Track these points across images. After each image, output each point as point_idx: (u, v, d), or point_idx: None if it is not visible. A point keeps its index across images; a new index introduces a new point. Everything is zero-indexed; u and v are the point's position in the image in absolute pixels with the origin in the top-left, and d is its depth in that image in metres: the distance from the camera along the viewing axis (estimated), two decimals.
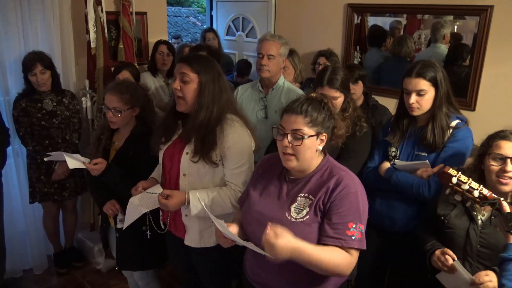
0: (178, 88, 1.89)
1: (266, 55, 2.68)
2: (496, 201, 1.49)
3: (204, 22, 10.16)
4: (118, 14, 3.54)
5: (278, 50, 2.70)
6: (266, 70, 2.69)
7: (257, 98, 2.82)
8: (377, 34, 3.51)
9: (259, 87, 2.83)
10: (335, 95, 2.20)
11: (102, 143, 2.40)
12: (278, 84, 2.79)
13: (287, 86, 2.82)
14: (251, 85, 2.91)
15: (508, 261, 1.37)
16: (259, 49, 2.73)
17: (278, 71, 2.77)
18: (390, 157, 2.20)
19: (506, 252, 1.40)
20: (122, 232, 2.33)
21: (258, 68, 2.73)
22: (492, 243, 1.66)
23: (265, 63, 2.68)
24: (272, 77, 2.75)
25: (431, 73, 2.01)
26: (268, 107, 2.78)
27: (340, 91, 2.22)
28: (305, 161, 1.55)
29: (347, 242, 1.47)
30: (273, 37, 2.77)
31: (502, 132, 1.72)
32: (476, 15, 2.88)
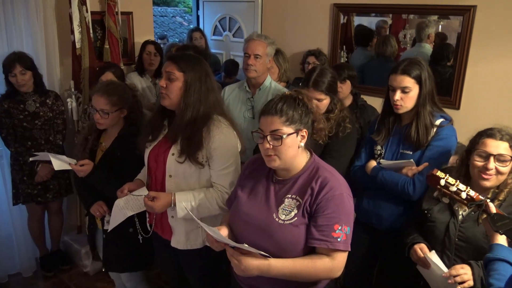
0: (164, 85, 1.89)
1: (253, 55, 2.68)
2: (483, 202, 1.52)
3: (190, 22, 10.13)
4: (103, 14, 3.50)
5: (265, 50, 2.70)
6: (252, 70, 2.69)
7: (244, 98, 2.82)
8: (363, 34, 3.54)
9: (246, 87, 2.83)
10: (320, 97, 2.22)
11: (89, 144, 2.37)
12: (265, 84, 2.79)
13: (274, 86, 2.82)
14: (238, 85, 2.91)
15: (494, 261, 1.39)
16: (246, 49, 2.73)
17: (265, 71, 2.78)
18: (376, 156, 2.22)
19: (491, 253, 1.42)
20: (109, 234, 2.31)
21: (245, 68, 2.73)
22: (470, 237, 1.70)
23: (252, 62, 2.68)
24: (259, 77, 2.75)
25: (416, 71, 2.03)
26: (255, 107, 2.78)
27: (326, 93, 2.23)
28: (288, 160, 1.55)
29: (332, 244, 1.48)
30: (259, 36, 2.77)
31: (490, 130, 1.74)
32: (460, 14, 2.92)
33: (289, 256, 1.51)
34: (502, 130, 1.72)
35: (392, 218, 2.16)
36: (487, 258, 1.43)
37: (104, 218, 2.34)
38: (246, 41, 2.78)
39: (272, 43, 2.79)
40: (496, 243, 1.45)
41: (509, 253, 1.40)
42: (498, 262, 1.38)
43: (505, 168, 1.67)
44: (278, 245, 1.52)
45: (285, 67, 3.40)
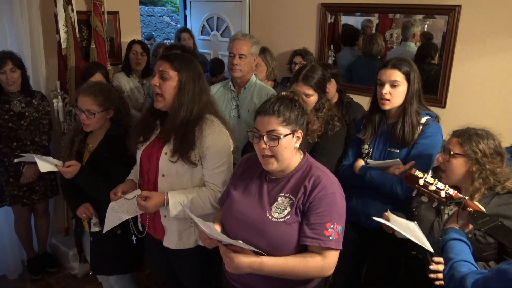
0: (157, 84, 1.88)
1: (238, 55, 2.69)
2: (462, 200, 1.55)
3: (178, 21, 10.09)
4: (89, 13, 3.47)
5: (250, 49, 2.71)
6: (237, 70, 2.70)
7: (229, 98, 2.83)
8: (350, 34, 3.57)
9: (231, 86, 2.83)
10: (308, 92, 2.22)
11: (75, 146, 2.35)
12: (250, 83, 2.80)
13: (259, 85, 2.83)
14: (222, 85, 2.91)
15: (450, 241, 1.47)
16: (230, 48, 2.73)
17: (250, 70, 2.79)
18: (364, 154, 2.24)
19: (448, 235, 1.49)
20: (96, 236, 2.29)
21: (230, 67, 2.74)
22: None
23: (237, 62, 2.69)
24: (244, 77, 2.76)
25: (406, 67, 2.06)
26: (241, 107, 2.79)
27: (314, 89, 2.24)
28: (284, 161, 1.56)
29: (324, 242, 1.49)
30: (244, 36, 2.77)
31: (460, 129, 1.79)
32: (445, 14, 2.96)
33: (282, 254, 1.52)
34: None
35: (380, 215, 2.18)
36: (443, 241, 1.50)
37: (90, 220, 2.31)
38: (231, 40, 2.79)
39: (257, 42, 2.80)
40: (449, 227, 1.53)
41: (461, 234, 1.49)
42: (455, 241, 1.45)
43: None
44: (270, 243, 1.53)
45: (273, 65, 3.41)
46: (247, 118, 2.75)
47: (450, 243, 1.45)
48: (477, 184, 1.70)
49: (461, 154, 1.70)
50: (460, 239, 1.46)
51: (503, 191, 1.69)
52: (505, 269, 1.09)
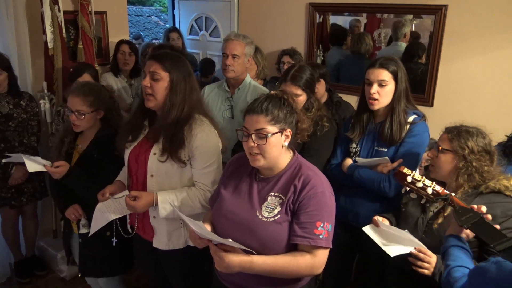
0: (148, 85, 1.87)
1: (231, 55, 2.68)
2: (448, 196, 1.57)
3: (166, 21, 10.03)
4: (76, 13, 3.45)
5: (243, 50, 2.71)
6: (231, 70, 2.69)
7: (223, 98, 2.82)
8: (338, 33, 3.59)
9: (225, 86, 2.82)
10: (297, 92, 2.23)
11: (64, 146, 2.33)
12: (244, 84, 2.79)
13: (253, 85, 2.82)
14: (217, 85, 2.90)
15: (448, 248, 1.48)
16: (224, 49, 2.72)
17: (244, 71, 2.77)
18: (352, 153, 2.26)
19: (447, 243, 1.51)
20: (85, 238, 2.27)
21: (223, 68, 2.72)
22: (435, 234, 1.74)
23: (230, 63, 2.68)
24: (238, 77, 2.75)
25: (394, 66, 2.08)
26: (234, 107, 2.78)
27: (303, 89, 2.25)
28: (272, 159, 1.57)
29: (315, 240, 1.50)
30: (237, 36, 2.76)
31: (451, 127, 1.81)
32: (432, 14, 2.99)
33: (272, 253, 1.52)
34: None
35: (369, 214, 2.18)
36: (443, 248, 1.52)
37: (79, 221, 2.30)
38: (224, 41, 2.78)
39: (251, 42, 2.79)
40: (448, 234, 1.54)
41: (460, 240, 1.50)
42: (454, 248, 1.47)
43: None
44: (261, 242, 1.53)
45: (263, 64, 3.42)
46: (241, 119, 2.72)
47: (448, 250, 1.47)
48: (461, 180, 1.72)
49: (449, 150, 1.73)
50: (458, 245, 1.47)
51: (486, 191, 1.70)
52: (484, 268, 1.10)
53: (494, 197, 1.69)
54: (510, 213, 1.63)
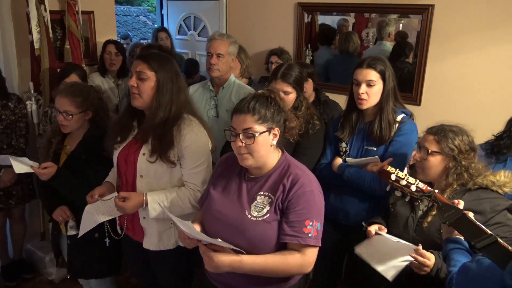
0: (135, 85, 1.86)
1: (215, 54, 2.69)
2: (432, 193, 1.59)
3: (155, 21, 9.99)
4: (63, 13, 3.41)
5: (227, 49, 2.72)
6: (215, 69, 2.71)
7: (208, 97, 2.83)
8: (327, 33, 3.61)
9: (210, 86, 2.84)
10: (287, 89, 2.24)
11: (52, 147, 2.31)
12: (228, 83, 2.81)
13: (238, 84, 2.84)
14: (201, 85, 2.91)
15: (448, 252, 1.49)
16: (208, 48, 2.74)
17: (228, 70, 2.79)
18: (341, 153, 2.27)
19: (445, 247, 1.52)
20: (74, 239, 2.25)
21: (208, 67, 2.74)
22: (425, 232, 1.76)
23: (214, 62, 2.69)
24: (222, 76, 2.77)
25: (381, 66, 2.09)
26: (219, 106, 2.80)
27: (293, 86, 2.26)
28: (260, 158, 1.57)
29: (304, 239, 1.50)
30: (221, 36, 2.79)
31: (434, 126, 1.82)
32: (419, 13, 3.02)
33: (261, 253, 1.52)
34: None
35: (359, 213, 2.21)
36: (443, 253, 1.54)
37: (67, 223, 2.28)
38: (209, 40, 2.80)
39: (235, 42, 2.81)
40: (445, 238, 1.55)
41: (457, 241, 1.51)
42: (452, 252, 1.48)
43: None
44: (250, 241, 1.53)
45: (247, 63, 3.41)
46: (226, 118, 2.76)
47: (449, 254, 1.49)
48: (450, 179, 1.74)
49: (438, 152, 1.74)
50: (456, 248, 1.48)
51: (474, 187, 1.73)
52: (467, 266, 1.12)
53: (482, 193, 1.71)
54: (498, 208, 1.66)
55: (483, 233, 1.37)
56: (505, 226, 1.65)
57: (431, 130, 1.79)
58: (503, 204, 1.67)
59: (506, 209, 1.67)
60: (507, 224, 1.65)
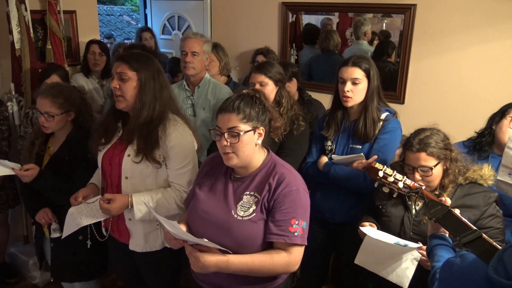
0: (117, 86, 1.84)
1: (190, 52, 2.72)
2: (419, 189, 1.61)
3: (138, 20, 9.90)
4: (44, 13, 3.37)
5: (202, 48, 2.75)
6: (191, 67, 2.73)
7: (184, 97, 2.85)
8: (311, 32, 3.63)
9: (185, 86, 2.85)
10: (263, 80, 2.28)
11: (35, 149, 2.28)
12: (204, 81, 2.83)
13: (213, 82, 2.87)
14: (177, 85, 2.93)
15: (432, 248, 1.51)
16: (183, 47, 2.76)
17: (203, 68, 2.82)
18: (327, 151, 2.28)
19: (430, 243, 1.54)
20: (57, 242, 2.22)
21: (183, 66, 2.76)
22: (423, 230, 1.76)
23: (190, 60, 2.72)
24: (197, 74, 2.79)
25: (366, 65, 2.12)
26: (196, 105, 2.82)
27: (269, 77, 2.29)
28: (245, 157, 1.57)
29: (290, 238, 1.51)
30: (195, 35, 2.82)
31: (410, 139, 1.79)
32: (401, 13, 3.06)
33: (248, 252, 1.52)
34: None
35: (344, 211, 2.23)
36: (427, 249, 1.55)
37: (50, 226, 2.25)
38: (183, 39, 2.83)
39: (208, 41, 2.86)
40: (430, 234, 1.57)
41: (441, 237, 1.53)
42: (436, 247, 1.49)
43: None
44: (237, 241, 1.53)
45: (225, 60, 3.41)
46: (203, 116, 2.78)
47: (432, 250, 1.50)
48: (451, 176, 1.76)
49: (437, 162, 1.73)
50: (440, 244, 1.50)
51: (466, 182, 1.77)
52: (451, 262, 1.13)
53: (473, 187, 1.75)
54: (490, 200, 1.71)
55: (468, 228, 1.40)
56: (497, 218, 1.70)
57: (416, 148, 1.73)
58: (493, 196, 1.72)
59: (495, 201, 1.72)
60: (497, 215, 1.71)
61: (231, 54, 3.78)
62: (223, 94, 2.74)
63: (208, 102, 2.78)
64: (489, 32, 2.77)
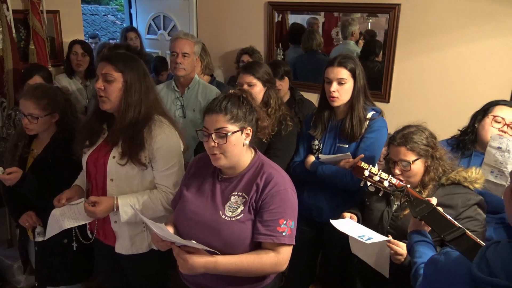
0: (102, 88, 1.81)
1: (181, 53, 2.70)
2: (404, 188, 1.63)
3: (123, 20, 9.81)
4: (26, 12, 3.32)
5: (192, 48, 2.74)
6: (181, 68, 2.71)
7: (173, 98, 2.82)
8: (297, 32, 3.64)
9: (174, 86, 2.83)
10: (251, 81, 2.27)
11: (18, 151, 2.24)
12: (193, 83, 2.81)
13: (203, 84, 2.86)
14: (166, 85, 2.90)
15: (413, 244, 1.53)
16: (173, 47, 2.73)
17: (193, 69, 2.80)
18: (314, 150, 2.29)
19: (410, 239, 1.56)
20: (42, 245, 2.19)
21: (174, 67, 2.73)
22: (400, 226, 1.80)
23: (180, 61, 2.70)
24: (187, 75, 2.77)
25: (351, 64, 2.13)
26: (186, 106, 2.80)
27: (257, 78, 2.29)
28: (233, 158, 1.56)
29: (278, 238, 1.51)
30: (186, 35, 2.80)
31: (395, 134, 1.83)
32: (386, 12, 3.08)
33: (236, 253, 1.52)
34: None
35: (332, 209, 2.24)
36: (408, 245, 1.57)
37: (35, 229, 2.21)
38: (173, 40, 2.80)
39: (199, 42, 2.84)
40: (410, 231, 1.59)
41: (422, 234, 1.55)
42: (417, 244, 1.51)
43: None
44: (225, 242, 1.53)
45: (207, 60, 3.41)
46: (193, 117, 2.76)
47: (413, 246, 1.52)
48: (432, 174, 1.78)
49: (417, 158, 1.76)
50: (421, 240, 1.52)
51: (447, 182, 1.78)
52: (435, 259, 1.15)
53: (454, 188, 1.76)
54: (469, 202, 1.71)
55: (452, 226, 1.42)
56: (475, 220, 1.70)
57: (397, 142, 1.78)
58: (474, 199, 1.73)
59: (476, 204, 1.72)
60: (476, 218, 1.71)
61: (216, 54, 3.78)
62: (213, 95, 2.73)
63: (198, 104, 2.76)
64: (472, 32, 2.81)
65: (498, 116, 2.06)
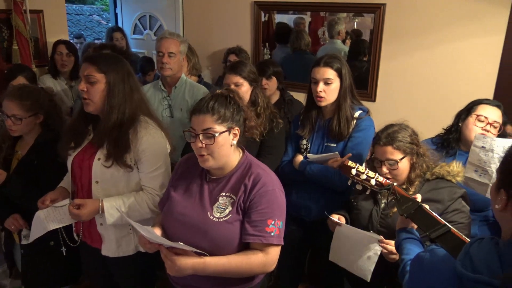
0: (84, 89, 1.79)
1: (167, 53, 2.69)
2: (390, 186, 1.65)
3: (109, 20, 9.72)
4: (9, 12, 3.27)
5: (178, 48, 2.73)
6: (168, 68, 2.70)
7: (160, 98, 2.81)
8: (283, 32, 3.65)
9: (161, 86, 2.82)
10: (237, 80, 2.27)
11: (2, 153, 2.21)
12: (180, 82, 2.80)
13: (190, 83, 2.85)
14: (152, 85, 2.89)
15: (400, 242, 1.54)
16: (159, 47, 2.72)
17: (180, 69, 2.80)
18: (302, 150, 2.30)
19: (398, 237, 1.58)
20: (28, 248, 2.17)
21: (160, 67, 2.73)
22: (389, 224, 1.82)
23: (167, 61, 2.69)
24: (174, 75, 2.77)
25: (337, 64, 2.14)
26: (173, 106, 2.79)
27: (244, 78, 2.29)
28: (221, 158, 1.56)
29: (266, 238, 1.51)
30: (172, 35, 2.79)
31: (379, 134, 1.85)
32: (371, 12, 3.11)
33: (224, 253, 1.52)
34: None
35: (320, 208, 2.24)
36: (395, 244, 1.59)
37: (21, 232, 2.18)
38: (159, 40, 2.79)
39: (185, 41, 2.83)
40: (398, 228, 1.60)
41: (410, 231, 1.56)
42: (405, 241, 1.53)
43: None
44: (213, 243, 1.52)
45: (194, 60, 3.40)
46: (181, 117, 2.75)
47: (401, 244, 1.53)
48: (418, 171, 1.81)
49: (403, 156, 1.78)
50: (409, 237, 1.54)
51: (432, 177, 1.82)
52: (421, 257, 1.16)
53: (439, 182, 1.80)
54: (455, 196, 1.76)
55: (437, 223, 1.44)
56: (461, 213, 1.75)
57: (383, 142, 1.79)
58: (459, 192, 1.77)
59: (461, 196, 1.77)
60: (462, 210, 1.76)
61: (203, 54, 3.77)
62: (201, 95, 2.72)
63: (185, 103, 2.75)
64: (456, 31, 2.85)
65: (482, 115, 2.10)
